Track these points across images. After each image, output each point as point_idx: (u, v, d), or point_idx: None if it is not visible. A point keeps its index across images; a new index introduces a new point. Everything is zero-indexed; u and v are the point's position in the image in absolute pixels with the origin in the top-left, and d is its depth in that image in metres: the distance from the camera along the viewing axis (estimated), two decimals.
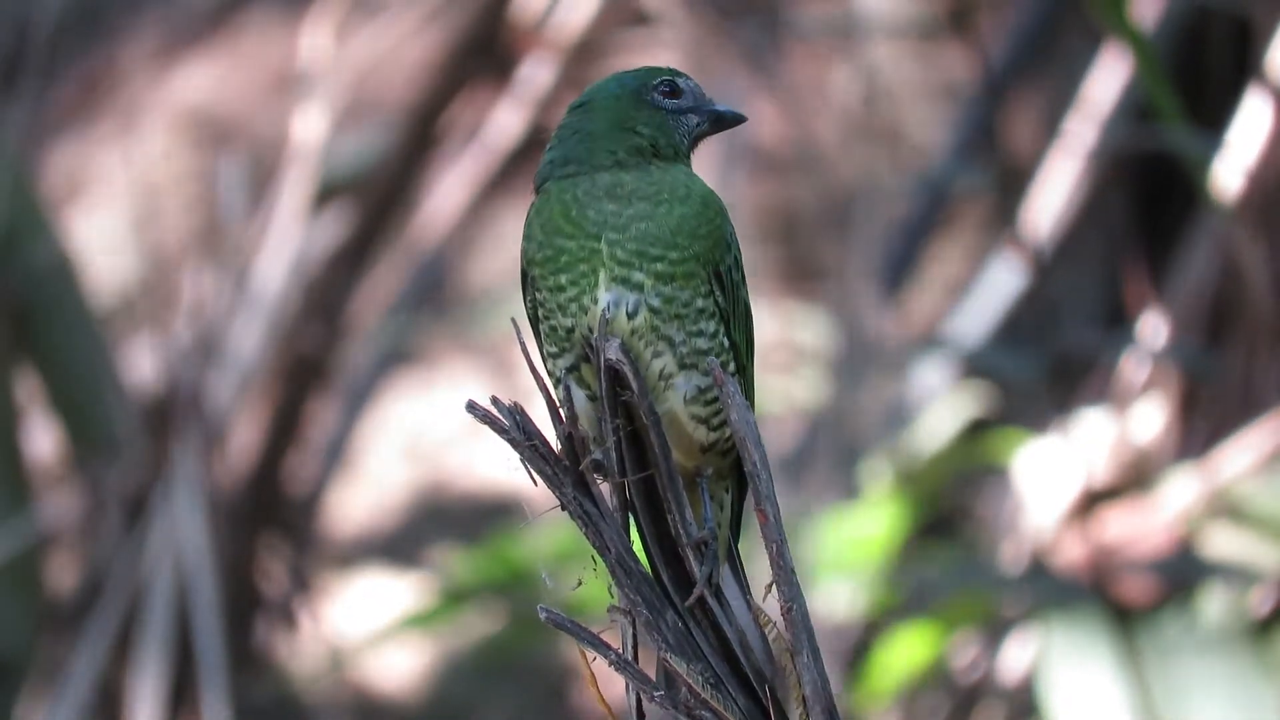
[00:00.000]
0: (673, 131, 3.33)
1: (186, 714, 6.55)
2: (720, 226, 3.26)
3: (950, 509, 6.68)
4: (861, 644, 6.40)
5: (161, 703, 6.48)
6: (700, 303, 3.24)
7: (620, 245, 3.21)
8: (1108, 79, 6.75)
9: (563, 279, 3.23)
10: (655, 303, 3.21)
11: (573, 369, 3.26)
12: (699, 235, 3.24)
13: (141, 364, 6.93)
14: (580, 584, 3.22)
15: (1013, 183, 6.65)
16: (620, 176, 3.26)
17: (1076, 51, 7.30)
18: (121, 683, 6.50)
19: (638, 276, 3.20)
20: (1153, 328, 6.30)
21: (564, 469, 3.20)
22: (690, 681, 3.15)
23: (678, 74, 3.38)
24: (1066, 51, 7.51)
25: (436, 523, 7.71)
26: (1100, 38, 6.72)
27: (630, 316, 3.21)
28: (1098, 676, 5.35)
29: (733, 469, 3.34)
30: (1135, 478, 5.97)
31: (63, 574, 6.60)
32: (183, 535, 6.51)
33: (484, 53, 7.27)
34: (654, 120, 3.33)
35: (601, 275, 3.21)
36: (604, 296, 3.21)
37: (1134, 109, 6.74)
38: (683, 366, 3.23)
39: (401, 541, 7.70)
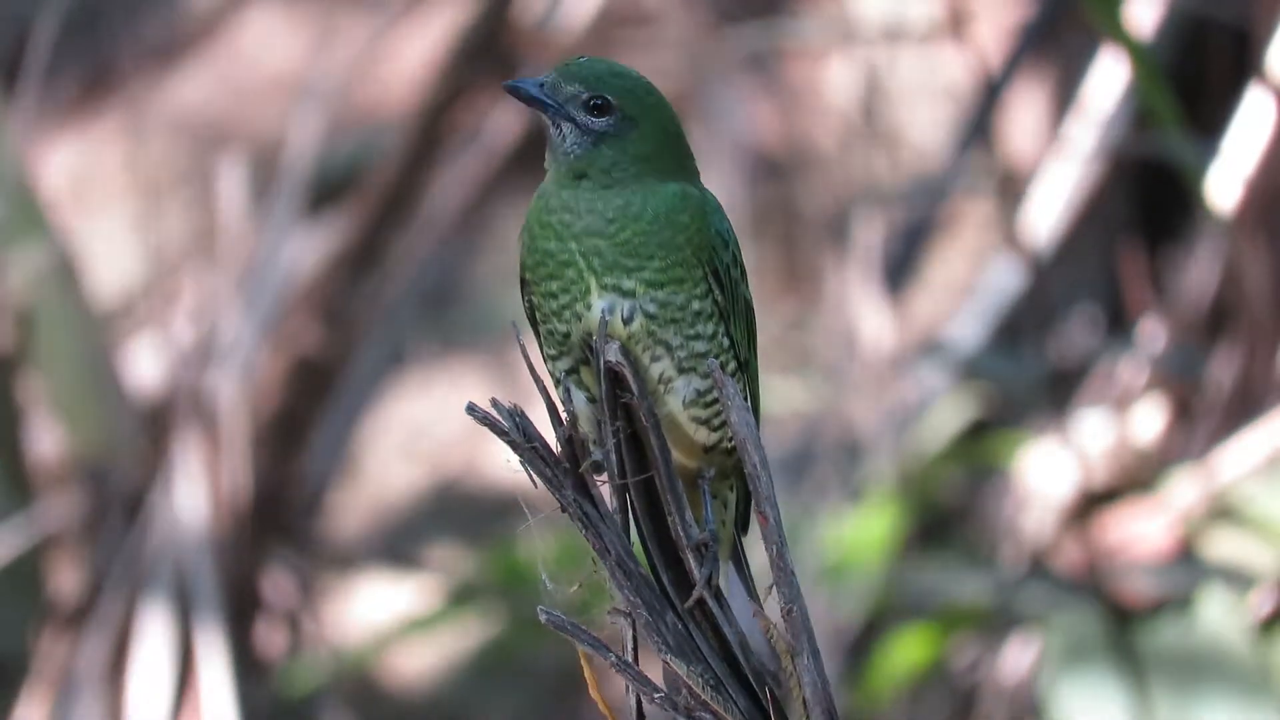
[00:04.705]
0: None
1: (188, 715, 6.55)
2: (701, 230, 3.20)
3: (950, 510, 6.68)
4: (862, 645, 6.40)
5: (163, 704, 6.48)
6: (697, 305, 3.21)
7: (590, 256, 3.18)
8: (1108, 80, 6.74)
9: (553, 286, 3.20)
10: (651, 308, 3.18)
11: (572, 371, 3.25)
12: (674, 245, 3.18)
13: (142, 364, 6.92)
14: (580, 586, 3.22)
15: (1012, 184, 6.64)
16: (577, 189, 3.21)
17: (1077, 51, 7.29)
18: (122, 684, 6.50)
19: (628, 284, 3.18)
20: (1152, 329, 6.30)
21: (564, 471, 3.20)
22: (690, 683, 3.15)
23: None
24: (1067, 51, 7.50)
25: (438, 524, 7.71)
26: (1101, 37, 6.71)
27: (626, 322, 3.18)
28: (1097, 678, 5.35)
29: (737, 468, 3.32)
30: (1135, 479, 5.97)
31: (63, 574, 6.60)
32: (183, 536, 6.51)
33: (486, 53, 7.26)
34: None
35: (592, 281, 3.19)
36: (598, 303, 3.19)
37: (1134, 110, 6.74)
38: (681, 370, 3.21)
39: (403, 542, 7.70)
